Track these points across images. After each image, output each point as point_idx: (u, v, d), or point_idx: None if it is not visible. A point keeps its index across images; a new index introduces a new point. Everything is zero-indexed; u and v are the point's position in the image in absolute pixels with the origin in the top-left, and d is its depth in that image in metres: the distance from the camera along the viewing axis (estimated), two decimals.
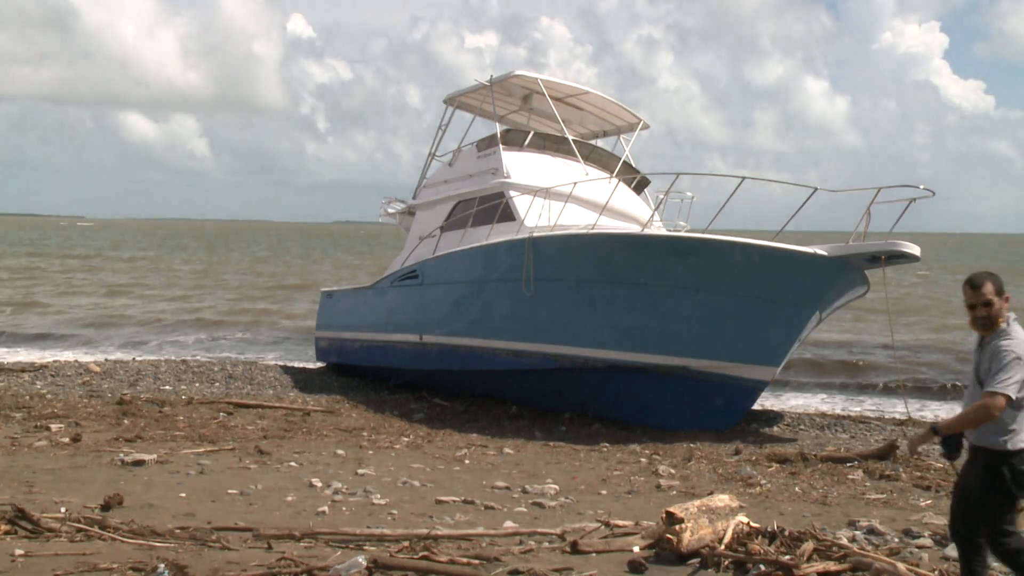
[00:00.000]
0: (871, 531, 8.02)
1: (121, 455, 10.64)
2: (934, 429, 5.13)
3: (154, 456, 10.65)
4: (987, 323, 5.11)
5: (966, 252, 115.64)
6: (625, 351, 14.15)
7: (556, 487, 9.98)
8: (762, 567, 6.57)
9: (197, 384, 18.25)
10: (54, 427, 12.61)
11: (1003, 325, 5.06)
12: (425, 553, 6.83)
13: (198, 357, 24.04)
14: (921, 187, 12.27)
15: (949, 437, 5.13)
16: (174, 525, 7.62)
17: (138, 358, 23.11)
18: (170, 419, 13.77)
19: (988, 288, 5.09)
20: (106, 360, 22.06)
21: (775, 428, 14.80)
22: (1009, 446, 5.00)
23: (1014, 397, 4.89)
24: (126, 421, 13.47)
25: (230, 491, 9.19)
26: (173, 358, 23.26)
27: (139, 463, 10.30)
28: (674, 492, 9.98)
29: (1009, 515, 5.07)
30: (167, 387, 17.70)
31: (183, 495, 8.95)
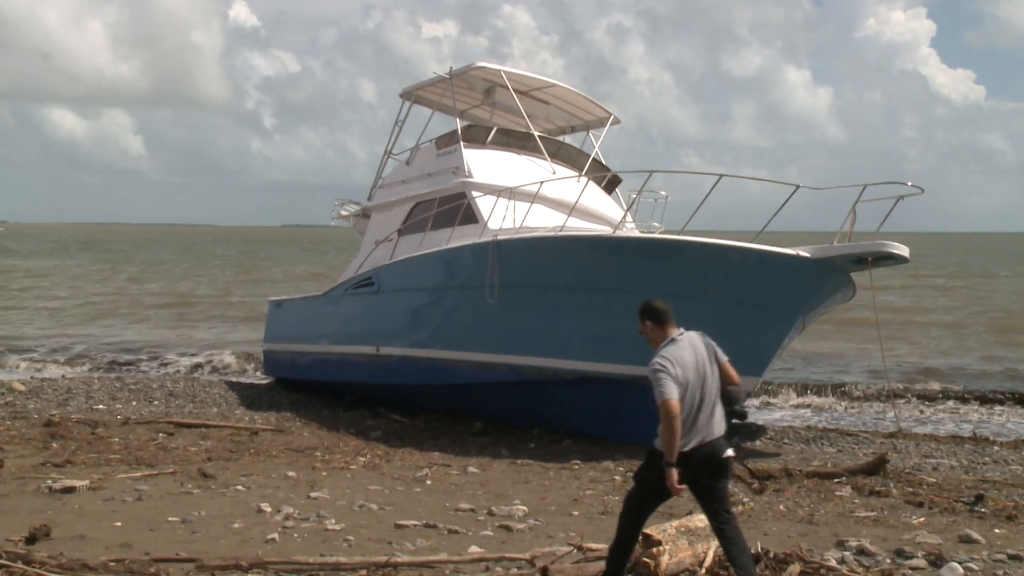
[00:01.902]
0: (861, 551, 8.06)
1: (49, 482, 10.42)
2: (666, 461, 6.00)
3: (86, 482, 10.44)
4: (651, 344, 6.32)
5: (955, 252, 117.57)
6: (597, 361, 14.14)
7: (525, 508, 9.94)
8: None
9: (134, 403, 18.00)
10: None
11: (659, 345, 6.24)
12: None
13: (135, 373, 23.72)
14: (909, 184, 12.41)
15: (699, 458, 6.08)
16: (108, 557, 7.46)
17: (68, 375, 22.74)
18: (104, 441, 13.55)
19: (639, 315, 6.39)
20: (32, 378, 21.69)
21: (757, 442, 14.89)
22: (657, 445, 6.08)
23: (668, 399, 5.93)
24: (55, 444, 13.23)
25: (170, 519, 9.04)
26: (107, 375, 22.92)
27: (69, 490, 10.09)
28: None
29: (716, 503, 6.15)
30: (101, 406, 17.43)
31: (118, 524, 8.78)
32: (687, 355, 6.21)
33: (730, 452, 6.20)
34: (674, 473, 5.89)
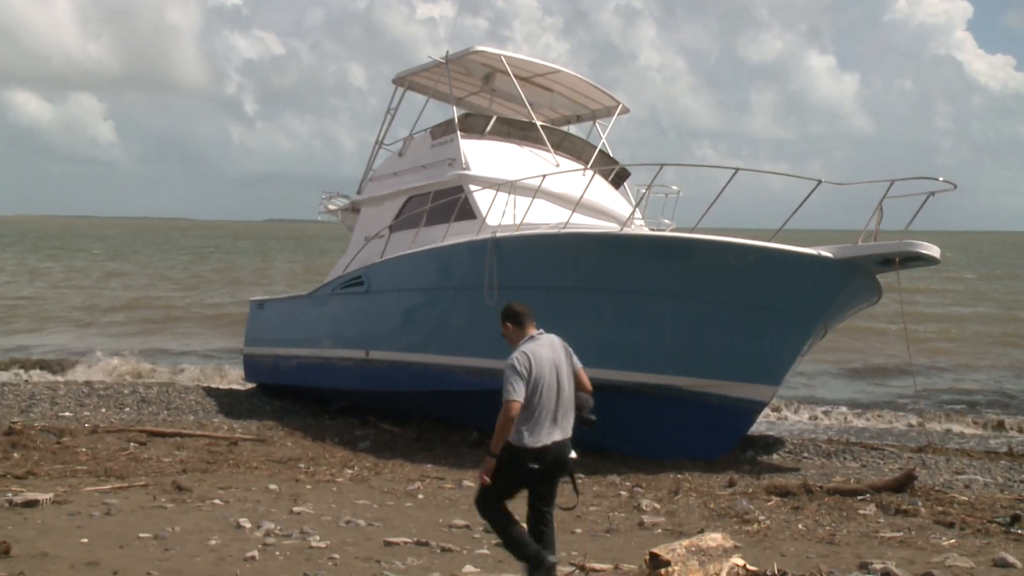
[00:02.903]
0: (886, 574, 8.02)
1: (9, 495, 10.38)
2: (490, 452, 6.83)
3: (50, 495, 10.41)
4: (510, 344, 7.06)
5: (989, 254, 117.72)
6: (602, 368, 14.01)
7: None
8: None
9: (103, 409, 17.98)
10: None
11: (518, 344, 6.96)
12: None
13: (104, 378, 23.70)
14: (940, 179, 12.38)
15: (549, 455, 6.87)
16: None
17: (32, 379, 22.71)
18: (70, 451, 13.51)
19: (502, 316, 7.12)
20: None
21: (775, 456, 14.87)
22: (513, 442, 6.77)
23: (510, 400, 6.64)
24: (16, 454, 13.19)
25: (142, 535, 9.01)
26: (73, 379, 22.90)
27: (31, 504, 10.05)
28: (659, 530, 9.97)
29: (542, 498, 7.02)
30: (67, 413, 17.40)
31: (84, 540, 8.74)
32: (544, 352, 6.91)
33: (573, 454, 6.99)
34: (492, 463, 6.77)
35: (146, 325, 37.94)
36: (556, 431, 6.81)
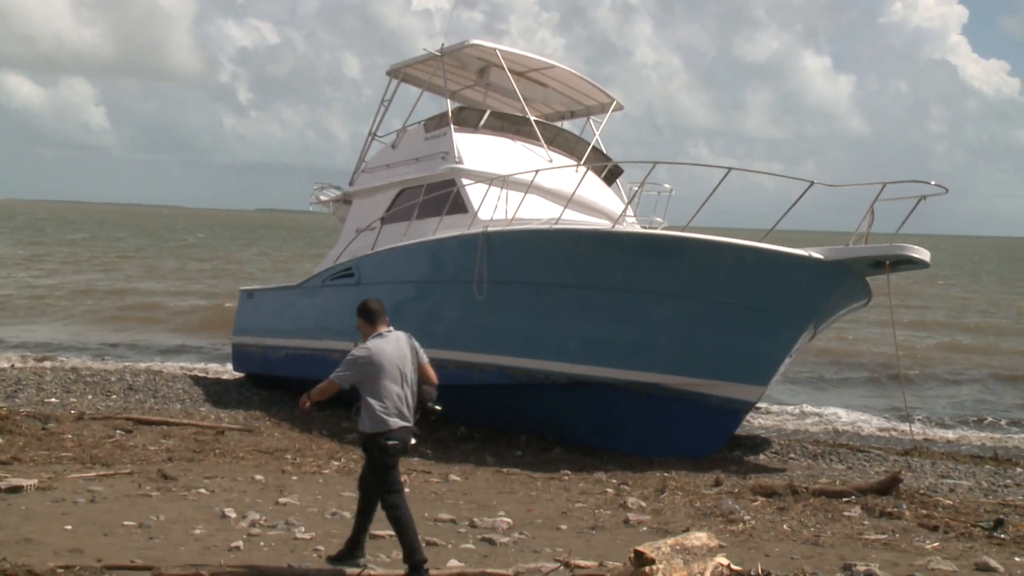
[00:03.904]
0: None
1: None
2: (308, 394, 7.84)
3: (34, 481, 10.38)
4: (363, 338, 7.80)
5: (986, 258, 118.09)
6: (591, 365, 14.15)
7: (509, 521, 9.93)
8: None
9: (90, 396, 17.93)
10: None
11: (367, 339, 7.72)
12: None
13: (91, 365, 23.63)
14: (932, 183, 12.43)
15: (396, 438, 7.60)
16: (56, 564, 7.42)
17: (17, 364, 22.65)
18: (55, 437, 13.47)
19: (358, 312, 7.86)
20: None
21: (761, 456, 14.90)
22: (372, 430, 7.56)
23: (332, 378, 7.61)
24: (0, 440, 13.14)
25: (126, 523, 9.00)
26: (60, 365, 22.83)
27: (15, 490, 10.03)
28: (644, 528, 9.98)
29: (389, 478, 7.67)
30: (53, 399, 17.36)
31: (69, 527, 8.73)
32: (388, 348, 7.68)
33: (413, 440, 7.79)
34: (307, 399, 7.88)
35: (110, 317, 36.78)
36: (401, 419, 7.58)
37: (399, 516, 7.62)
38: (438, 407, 7.90)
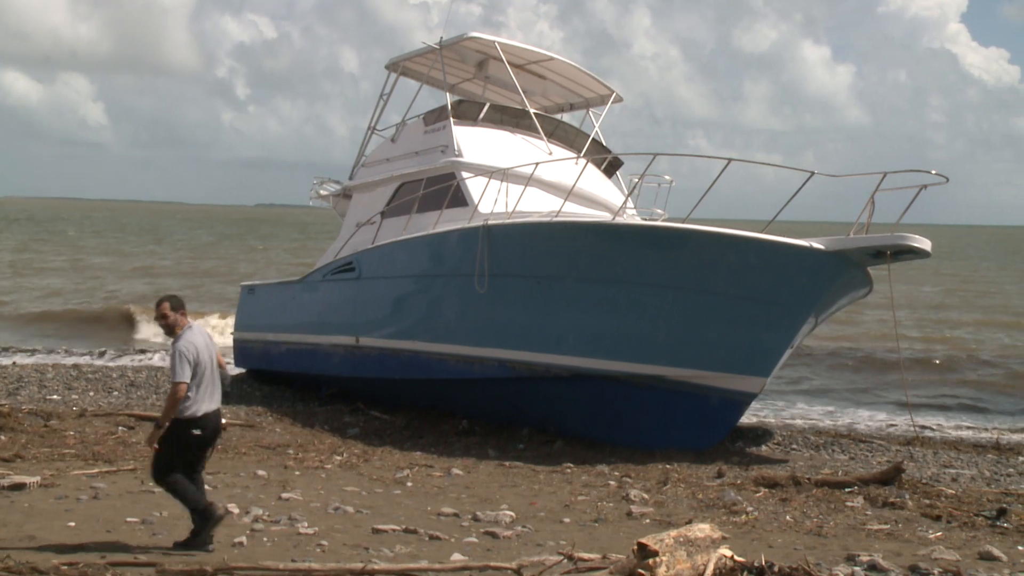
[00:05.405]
0: (873, 567, 8.07)
1: None
2: (158, 424, 8.06)
3: (37, 478, 10.41)
4: (169, 331, 8.25)
5: (988, 246, 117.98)
6: (592, 358, 14.14)
7: (512, 514, 9.94)
8: None
9: (91, 393, 17.94)
10: None
11: (179, 331, 8.15)
12: None
13: (93, 362, 23.64)
14: (933, 172, 12.41)
15: (209, 423, 8.15)
16: (60, 561, 7.42)
17: (19, 362, 22.65)
18: (58, 434, 13.51)
19: (165, 307, 8.21)
20: None
21: (763, 447, 14.91)
22: (187, 415, 8.03)
23: (181, 383, 7.88)
24: (3, 437, 13.20)
25: (129, 519, 9.02)
26: (62, 362, 22.84)
27: (18, 487, 10.06)
28: (647, 520, 9.99)
29: (197, 462, 8.26)
30: (55, 396, 17.37)
31: (72, 524, 8.75)
32: (199, 339, 8.17)
33: (224, 421, 8.56)
34: (158, 432, 7.99)
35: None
36: (211, 402, 8.19)
37: (173, 486, 8.22)
38: (227, 388, 8.79)
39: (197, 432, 8.06)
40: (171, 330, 8.24)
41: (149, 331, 29.79)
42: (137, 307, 33.82)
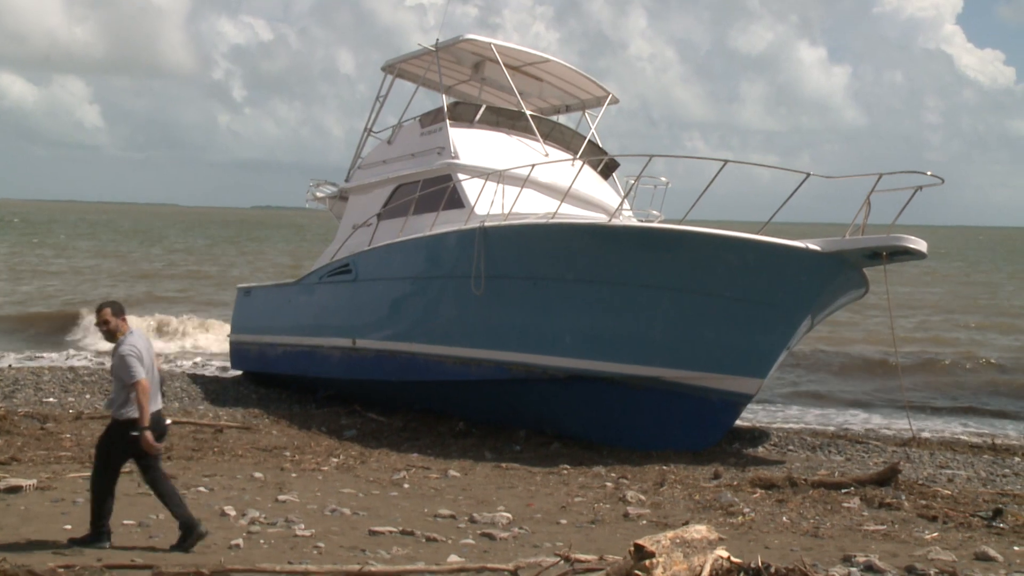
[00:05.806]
0: (869, 567, 8.08)
1: None
2: (141, 428, 8.06)
3: (33, 481, 10.39)
4: (110, 336, 8.29)
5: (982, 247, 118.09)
6: (589, 359, 14.14)
7: (509, 516, 9.94)
8: None
9: (88, 396, 17.90)
10: None
11: (120, 337, 8.24)
12: None
13: (89, 365, 23.61)
14: (928, 173, 12.44)
15: (155, 424, 8.20)
16: (56, 564, 7.42)
17: (14, 364, 22.62)
18: (54, 437, 13.47)
19: (106, 312, 8.27)
20: None
21: (760, 449, 14.92)
22: (125, 416, 8.16)
23: (141, 379, 8.03)
24: None
25: (126, 522, 9.00)
26: (58, 365, 22.81)
27: (14, 490, 10.03)
28: (644, 522, 9.99)
29: (144, 461, 8.27)
30: (51, 399, 17.33)
31: (68, 527, 8.73)
32: (141, 343, 8.33)
33: (169, 421, 8.87)
34: (149, 435, 8.03)
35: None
36: (157, 402, 8.37)
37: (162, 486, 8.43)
38: (164, 389, 9.32)
39: (136, 434, 8.14)
40: (112, 335, 8.32)
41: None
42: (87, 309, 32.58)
